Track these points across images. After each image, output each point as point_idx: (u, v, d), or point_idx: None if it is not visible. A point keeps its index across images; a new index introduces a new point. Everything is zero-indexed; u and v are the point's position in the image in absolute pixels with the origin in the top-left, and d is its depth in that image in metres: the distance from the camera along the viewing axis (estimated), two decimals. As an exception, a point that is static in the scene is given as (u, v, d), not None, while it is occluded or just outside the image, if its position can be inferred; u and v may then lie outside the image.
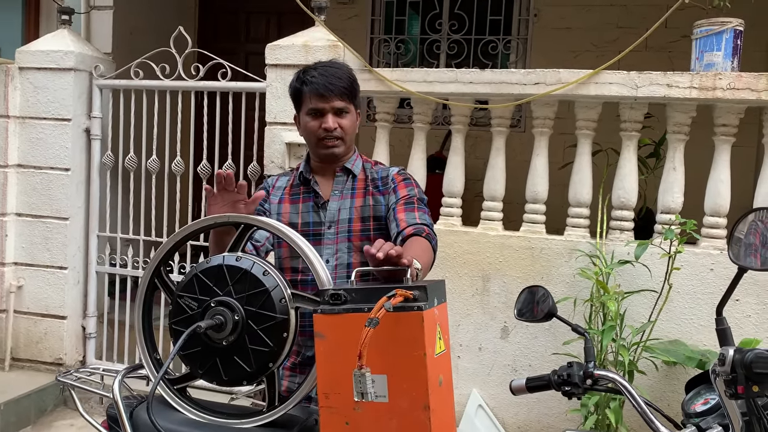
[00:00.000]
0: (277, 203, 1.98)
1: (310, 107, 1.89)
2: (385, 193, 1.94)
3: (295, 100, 1.96)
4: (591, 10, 5.29)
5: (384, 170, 1.99)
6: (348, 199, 1.93)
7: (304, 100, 1.90)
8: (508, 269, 3.24)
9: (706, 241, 3.07)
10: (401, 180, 1.95)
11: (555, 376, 1.57)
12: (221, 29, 6.01)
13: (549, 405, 3.20)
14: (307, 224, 1.93)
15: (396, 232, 1.83)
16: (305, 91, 1.88)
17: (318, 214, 1.93)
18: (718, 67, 3.01)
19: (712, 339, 2.93)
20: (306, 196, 1.97)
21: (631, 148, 3.19)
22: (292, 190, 1.99)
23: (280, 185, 2.02)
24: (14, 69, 3.91)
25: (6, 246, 3.96)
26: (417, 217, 1.85)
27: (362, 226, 1.91)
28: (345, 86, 1.88)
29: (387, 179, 1.96)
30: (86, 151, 3.99)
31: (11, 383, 3.81)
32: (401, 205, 1.88)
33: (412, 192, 1.93)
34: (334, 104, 1.87)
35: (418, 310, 1.27)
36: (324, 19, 3.48)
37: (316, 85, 1.86)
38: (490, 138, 3.41)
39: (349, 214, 1.91)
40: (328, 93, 1.85)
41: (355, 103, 1.93)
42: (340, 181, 1.96)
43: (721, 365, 1.28)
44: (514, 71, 3.27)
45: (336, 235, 1.90)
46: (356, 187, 1.95)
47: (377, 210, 1.92)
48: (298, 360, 1.92)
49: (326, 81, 1.85)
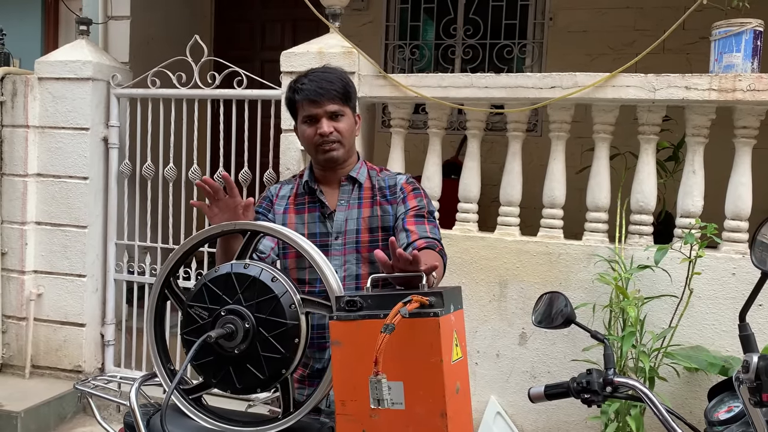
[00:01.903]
0: (282, 213, 1.95)
1: (305, 115, 1.86)
2: (393, 202, 1.91)
3: (291, 111, 1.94)
4: (607, 13, 5.25)
5: (391, 178, 1.96)
6: (355, 209, 1.90)
7: (298, 108, 1.89)
8: (526, 275, 3.22)
9: (728, 245, 3.02)
10: (411, 190, 1.92)
11: (574, 384, 1.55)
12: (236, 37, 6.06)
13: (568, 412, 3.16)
14: (314, 235, 1.89)
15: (406, 243, 1.79)
16: (298, 99, 1.87)
17: (324, 225, 1.90)
18: (738, 68, 2.97)
19: (735, 345, 2.91)
20: (311, 206, 1.94)
21: (649, 152, 3.15)
22: (296, 200, 1.96)
23: (284, 194, 1.99)
24: (33, 79, 3.97)
25: (26, 254, 4.00)
26: (428, 231, 1.82)
27: (370, 237, 1.88)
28: (337, 89, 1.85)
29: (395, 188, 1.93)
30: (104, 159, 4.02)
31: (31, 390, 3.84)
32: (411, 216, 1.85)
33: (422, 203, 1.90)
34: (327, 108, 1.84)
35: (434, 317, 1.26)
36: (338, 26, 3.49)
37: (307, 92, 1.84)
38: (506, 143, 3.39)
39: (357, 224, 1.88)
40: (319, 98, 1.83)
41: (350, 105, 1.90)
42: (345, 190, 1.93)
43: (745, 372, 1.25)
44: (530, 75, 3.25)
45: (344, 246, 1.87)
46: (363, 197, 1.92)
47: (385, 220, 1.89)
48: (307, 372, 1.89)
49: (317, 86, 1.83)
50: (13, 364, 4.08)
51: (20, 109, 3.97)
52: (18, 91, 3.97)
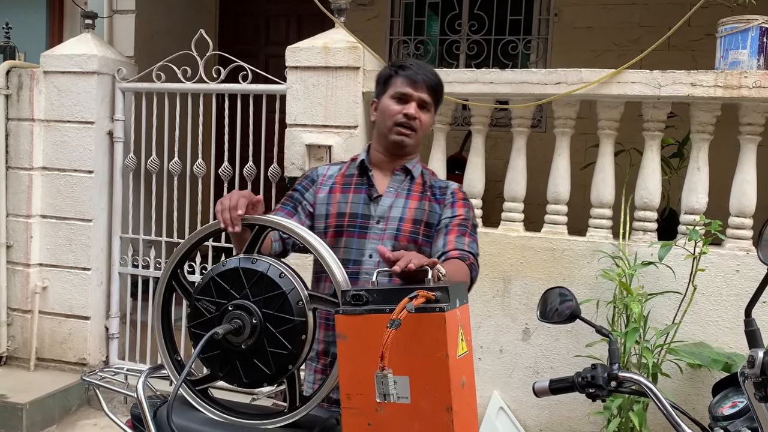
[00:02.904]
0: (327, 192, 1.93)
1: (398, 91, 1.87)
2: (441, 203, 1.92)
3: (381, 85, 1.94)
4: (612, 9, 5.24)
5: (443, 182, 1.99)
6: (402, 199, 1.90)
7: (392, 83, 1.89)
8: (530, 270, 3.22)
9: (732, 242, 3.02)
10: (461, 198, 1.94)
11: (579, 378, 1.56)
12: (241, 32, 6.05)
13: (571, 407, 3.17)
14: (355, 215, 1.88)
15: (441, 252, 1.80)
16: (398, 74, 1.89)
17: (368, 207, 1.89)
18: (744, 65, 2.96)
19: (738, 341, 2.91)
20: (358, 187, 1.93)
21: (654, 148, 3.15)
22: (344, 179, 1.95)
23: (332, 174, 1.98)
24: (39, 73, 3.97)
25: (31, 247, 4.02)
26: (466, 244, 1.82)
27: (412, 228, 1.87)
28: (435, 83, 1.90)
29: (446, 190, 1.94)
30: (109, 153, 4.03)
31: (36, 383, 3.86)
32: (455, 225, 1.86)
33: (468, 215, 1.91)
34: (421, 95, 1.87)
35: (440, 312, 1.27)
36: (343, 21, 3.48)
37: (411, 73, 1.87)
38: (511, 138, 3.39)
39: (402, 213, 1.88)
40: (420, 81, 1.86)
41: (436, 105, 1.93)
42: (397, 179, 1.93)
43: (751, 368, 1.26)
44: (535, 71, 3.24)
45: (384, 231, 1.86)
46: (413, 189, 1.92)
47: (431, 217, 1.89)
48: (329, 360, 1.85)
49: (422, 72, 1.88)
50: (18, 356, 4.10)
51: (26, 103, 3.98)
52: (23, 84, 3.98)
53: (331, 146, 3.41)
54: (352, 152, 3.40)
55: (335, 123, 3.43)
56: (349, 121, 3.41)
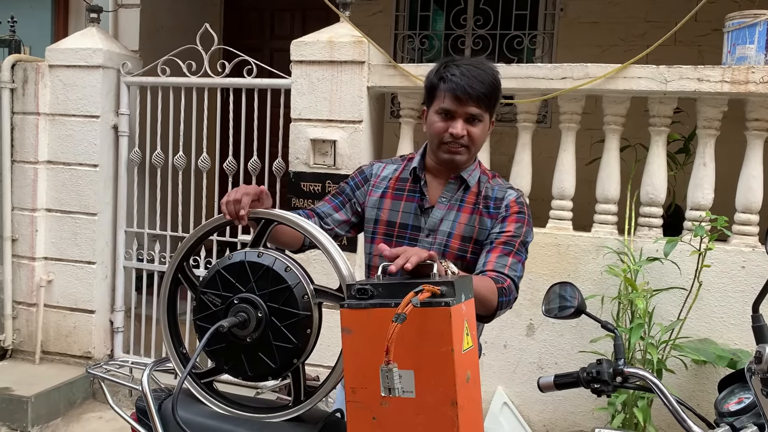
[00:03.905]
0: (380, 196, 1.87)
1: (442, 107, 1.73)
2: (494, 216, 1.80)
3: (428, 94, 1.80)
4: (618, 4, 5.21)
5: (501, 189, 1.84)
6: (454, 212, 1.81)
7: (437, 96, 1.74)
8: (534, 266, 3.22)
9: (738, 238, 3.01)
10: (516, 212, 1.80)
11: (584, 374, 1.56)
12: (246, 26, 6.05)
13: (575, 403, 3.17)
14: (405, 226, 1.83)
15: (480, 271, 1.70)
16: (441, 88, 1.72)
17: (419, 218, 1.82)
18: (751, 60, 2.95)
19: (743, 338, 2.90)
20: (411, 195, 1.85)
21: (660, 144, 3.14)
22: (397, 184, 1.88)
23: (387, 175, 1.90)
24: (44, 67, 3.98)
25: (36, 241, 4.03)
26: (507, 266, 1.70)
27: (460, 245, 1.79)
28: (485, 92, 1.70)
29: (501, 202, 1.81)
30: (114, 147, 4.03)
31: (41, 376, 3.87)
32: (501, 243, 1.75)
33: (519, 231, 1.78)
34: (468, 110, 1.71)
35: (446, 306, 1.26)
36: (349, 15, 3.48)
37: (454, 85, 1.69)
38: (516, 134, 3.38)
39: (451, 228, 1.80)
40: (465, 96, 1.68)
41: (491, 111, 1.76)
42: (451, 189, 1.83)
43: (758, 363, 1.25)
44: (541, 66, 3.23)
45: (432, 245, 1.78)
46: (465, 201, 1.82)
47: (481, 234, 1.79)
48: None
49: (467, 83, 1.68)
50: (24, 349, 4.12)
51: (31, 97, 3.98)
52: (29, 78, 3.98)
53: (336, 141, 3.41)
54: (357, 147, 3.40)
55: (340, 118, 3.42)
56: (354, 115, 3.40)
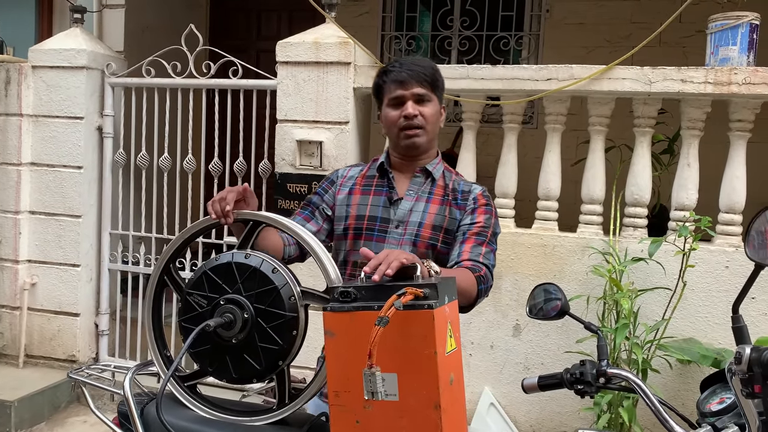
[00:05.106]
0: (347, 194, 1.91)
1: (390, 97, 1.83)
2: (462, 208, 1.85)
3: (377, 97, 1.90)
4: (604, 5, 5.25)
5: (466, 184, 1.90)
6: (422, 203, 1.85)
7: (384, 91, 1.85)
8: (520, 267, 3.22)
9: (721, 238, 3.03)
10: (483, 204, 1.86)
11: (567, 375, 1.56)
12: (232, 27, 6.02)
13: (561, 403, 3.18)
14: (374, 219, 1.85)
15: (455, 261, 1.76)
16: (385, 81, 1.84)
17: (388, 211, 1.85)
18: (734, 61, 2.97)
19: (727, 337, 2.92)
20: (378, 189, 1.89)
21: (644, 144, 3.16)
22: (364, 181, 1.92)
23: (353, 175, 1.95)
24: (27, 68, 3.94)
25: (20, 244, 3.99)
26: (482, 255, 1.77)
27: (431, 234, 1.82)
28: (426, 73, 1.81)
29: (468, 195, 1.87)
30: (98, 149, 4.00)
31: (25, 380, 3.83)
32: (473, 234, 1.80)
33: (489, 222, 1.83)
34: (414, 90, 1.80)
35: (429, 309, 1.26)
36: (335, 16, 3.47)
37: (395, 74, 1.81)
38: (502, 135, 3.39)
39: (421, 218, 1.83)
40: (407, 79, 1.79)
41: (437, 94, 1.85)
42: (417, 181, 1.88)
43: (738, 364, 1.26)
44: (527, 67, 3.24)
45: (402, 236, 1.81)
46: (434, 192, 1.87)
47: (451, 223, 1.83)
48: None
49: (407, 68, 1.81)
50: (7, 353, 4.08)
51: (14, 98, 3.94)
52: (12, 79, 3.94)
53: (322, 142, 3.40)
54: (343, 148, 3.39)
55: (326, 119, 3.42)
56: (340, 116, 3.40)
